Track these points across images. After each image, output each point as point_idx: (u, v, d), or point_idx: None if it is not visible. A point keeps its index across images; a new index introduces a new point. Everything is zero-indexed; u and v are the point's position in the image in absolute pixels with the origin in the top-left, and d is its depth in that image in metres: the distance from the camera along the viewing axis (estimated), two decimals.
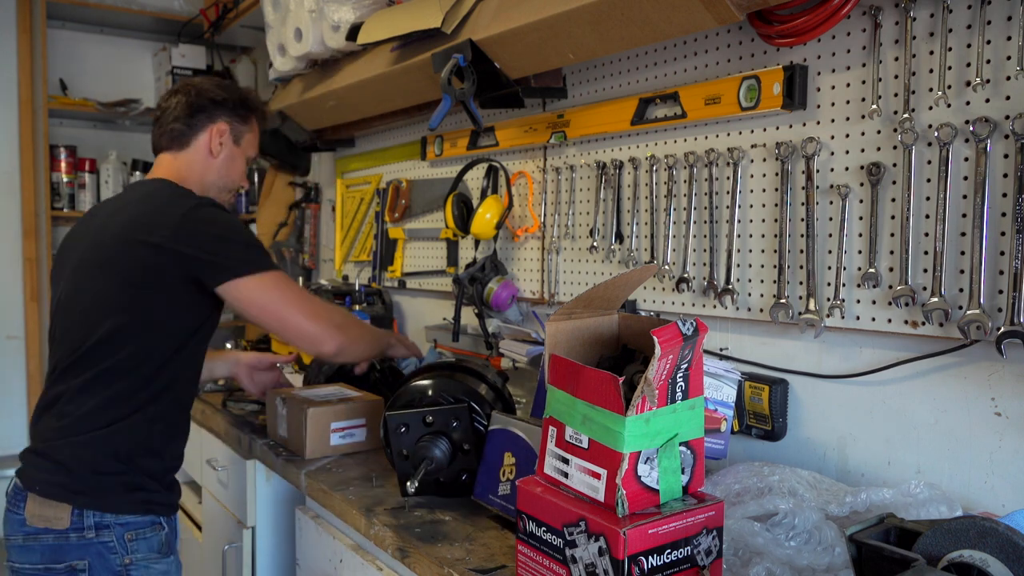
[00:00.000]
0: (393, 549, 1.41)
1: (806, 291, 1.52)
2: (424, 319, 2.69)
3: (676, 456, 1.09)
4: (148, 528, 1.69)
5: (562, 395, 1.13)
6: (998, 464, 1.31)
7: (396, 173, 2.87)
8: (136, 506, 1.67)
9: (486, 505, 1.48)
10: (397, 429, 1.53)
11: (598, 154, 1.99)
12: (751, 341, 1.68)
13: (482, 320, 2.23)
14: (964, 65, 1.31)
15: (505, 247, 2.32)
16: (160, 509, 1.72)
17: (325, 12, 2.40)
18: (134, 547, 1.66)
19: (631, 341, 1.23)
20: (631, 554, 1.01)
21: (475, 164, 2.35)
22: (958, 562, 0.93)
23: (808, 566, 1.16)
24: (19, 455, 1.73)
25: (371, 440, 1.93)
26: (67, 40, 4.08)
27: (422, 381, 1.65)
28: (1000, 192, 1.27)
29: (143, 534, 1.68)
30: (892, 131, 1.40)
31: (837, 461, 1.52)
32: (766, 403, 1.58)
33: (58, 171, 3.92)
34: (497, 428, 1.50)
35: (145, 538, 1.68)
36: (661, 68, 1.81)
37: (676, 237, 1.78)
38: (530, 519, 1.14)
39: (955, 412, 1.36)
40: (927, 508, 1.21)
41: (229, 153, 1.87)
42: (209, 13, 3.76)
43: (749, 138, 1.64)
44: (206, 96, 1.84)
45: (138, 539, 1.67)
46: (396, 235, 2.84)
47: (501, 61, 1.89)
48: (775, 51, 1.58)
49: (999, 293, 1.27)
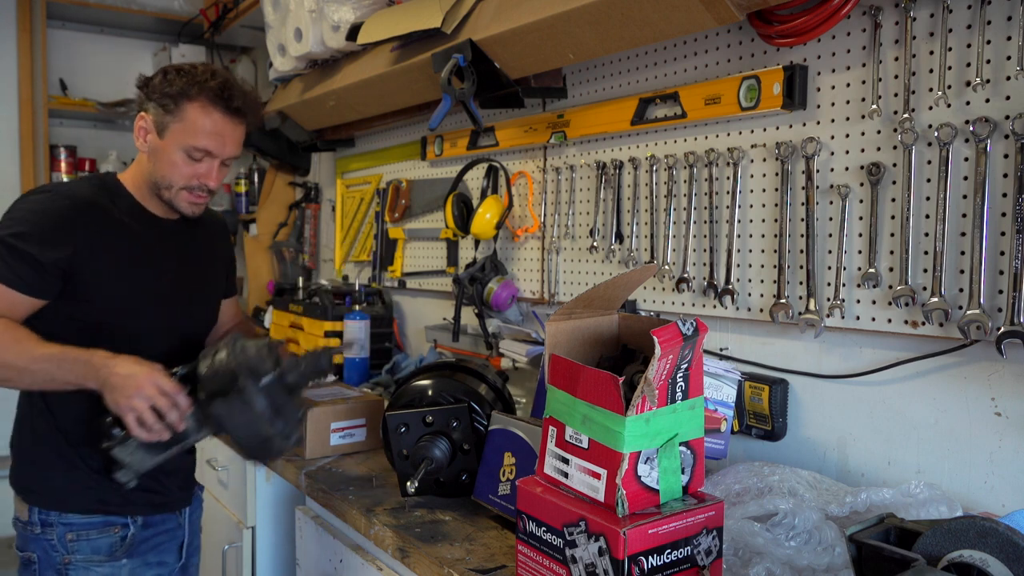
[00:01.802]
0: (393, 549, 1.41)
1: (806, 291, 1.52)
2: (424, 319, 2.69)
3: (676, 456, 1.09)
4: (96, 529, 1.63)
5: (562, 395, 1.13)
6: (998, 464, 1.31)
7: (396, 173, 2.87)
8: (81, 505, 1.62)
9: (486, 505, 1.48)
10: (397, 429, 1.53)
11: (598, 154, 1.99)
12: (751, 341, 1.68)
13: (482, 320, 2.23)
14: (964, 65, 1.31)
15: (505, 247, 2.32)
16: (114, 509, 1.64)
17: (325, 12, 2.40)
18: (74, 547, 1.61)
19: (631, 341, 1.23)
20: (631, 554, 1.01)
21: (475, 164, 2.35)
22: (958, 562, 0.93)
23: (808, 566, 1.16)
24: None
25: (371, 440, 1.93)
26: (67, 40, 4.09)
27: (422, 381, 1.65)
28: (1000, 192, 1.27)
29: (87, 535, 1.62)
30: (892, 131, 1.40)
31: (837, 461, 1.52)
32: (766, 403, 1.58)
33: (58, 171, 3.92)
34: (497, 428, 1.50)
35: (88, 539, 1.62)
36: (661, 68, 1.81)
37: (676, 237, 1.77)
38: (530, 519, 1.14)
39: (955, 412, 1.36)
40: (927, 508, 1.21)
41: (153, 146, 1.62)
42: (209, 13, 3.76)
43: (749, 138, 1.64)
44: (139, 82, 1.67)
45: (80, 540, 1.61)
46: (396, 235, 2.84)
47: (501, 61, 1.89)
48: (775, 51, 1.58)
49: (999, 293, 1.27)
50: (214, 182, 1.65)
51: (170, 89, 1.59)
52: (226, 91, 1.60)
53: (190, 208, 1.67)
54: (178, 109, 1.59)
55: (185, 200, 1.65)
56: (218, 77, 1.61)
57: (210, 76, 1.60)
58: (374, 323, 2.63)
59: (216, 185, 1.66)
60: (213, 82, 1.60)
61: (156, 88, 1.61)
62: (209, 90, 1.59)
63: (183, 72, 1.61)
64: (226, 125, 1.62)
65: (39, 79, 3.80)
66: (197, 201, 1.66)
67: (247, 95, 1.66)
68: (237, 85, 1.64)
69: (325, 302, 2.69)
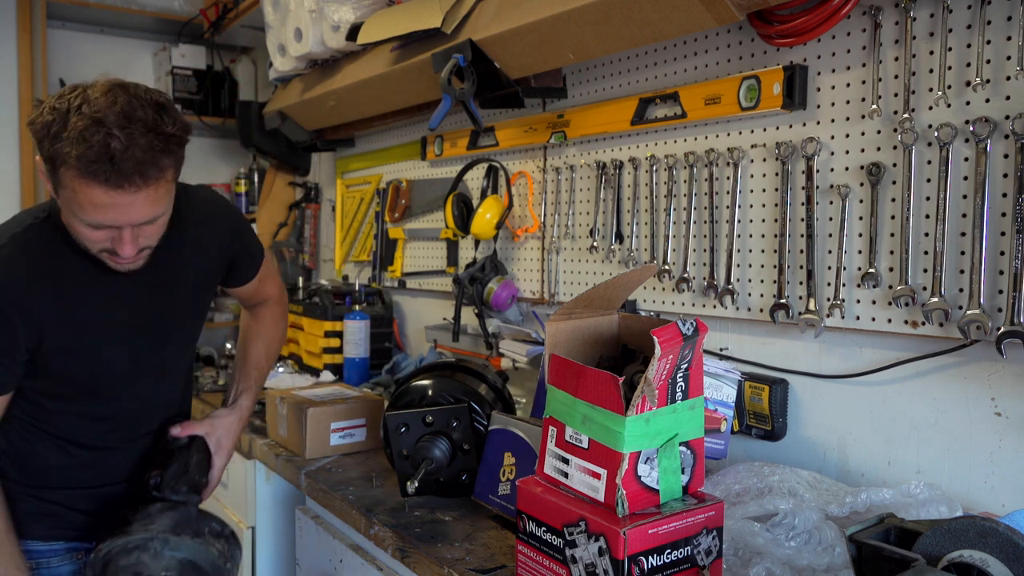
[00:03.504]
0: (393, 549, 1.41)
1: (806, 291, 1.52)
2: (424, 319, 2.69)
3: (676, 456, 1.09)
4: (57, 556, 1.53)
5: (562, 395, 1.13)
6: (998, 464, 1.31)
7: (396, 173, 2.87)
8: (42, 531, 1.51)
9: (486, 505, 1.48)
10: (397, 429, 1.53)
11: (598, 154, 1.99)
12: (751, 341, 1.68)
13: (482, 320, 2.23)
14: (964, 65, 1.31)
15: (505, 247, 2.32)
16: (76, 535, 1.54)
17: (325, 12, 2.40)
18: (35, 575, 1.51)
19: (631, 341, 1.23)
20: (631, 554, 1.01)
21: (475, 164, 2.35)
22: (958, 562, 0.93)
23: (808, 566, 1.16)
24: None
25: (371, 440, 1.93)
26: (67, 40, 4.09)
27: (422, 381, 1.65)
28: (1000, 192, 1.27)
29: (47, 563, 1.51)
30: (892, 131, 1.40)
31: (837, 461, 1.52)
32: (766, 403, 1.58)
33: None
34: (497, 428, 1.50)
35: (49, 567, 1.52)
36: (661, 68, 1.81)
37: (676, 237, 1.77)
38: (530, 519, 1.14)
39: (955, 412, 1.36)
40: (927, 508, 1.22)
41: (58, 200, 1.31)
42: (209, 13, 3.76)
43: (749, 138, 1.64)
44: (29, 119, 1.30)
45: (40, 568, 1.51)
46: (396, 235, 2.84)
47: (501, 61, 1.89)
48: (775, 51, 1.58)
49: (999, 293, 1.27)
50: (128, 249, 1.31)
51: (43, 145, 1.24)
52: (104, 159, 1.19)
53: (122, 268, 1.37)
54: (58, 175, 1.24)
55: (112, 262, 1.35)
56: (98, 132, 1.19)
57: (83, 132, 1.19)
58: (374, 323, 2.63)
59: (133, 252, 1.32)
60: (85, 146, 1.18)
61: (35, 135, 1.26)
62: (82, 160, 1.19)
63: (60, 118, 1.22)
64: (115, 198, 1.23)
65: (39, 79, 3.79)
66: (123, 263, 1.35)
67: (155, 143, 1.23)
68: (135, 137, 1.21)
69: (325, 302, 2.69)
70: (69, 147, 1.19)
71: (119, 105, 1.22)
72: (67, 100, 1.24)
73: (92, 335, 1.45)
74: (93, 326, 1.44)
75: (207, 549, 1.33)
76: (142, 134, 1.22)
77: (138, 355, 1.52)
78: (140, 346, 1.52)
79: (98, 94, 1.24)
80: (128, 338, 1.50)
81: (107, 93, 1.24)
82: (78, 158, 1.19)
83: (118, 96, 1.24)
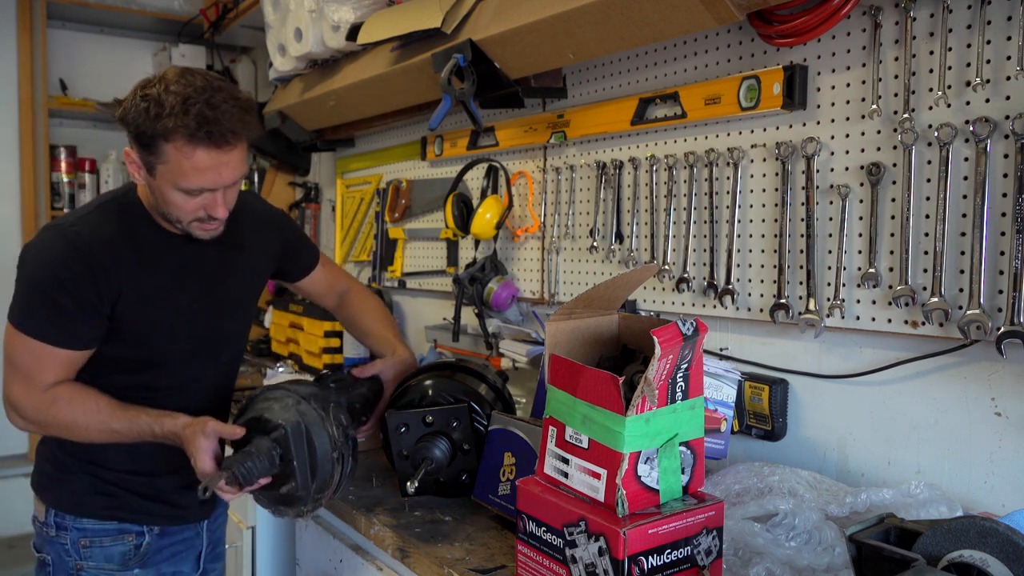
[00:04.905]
0: (393, 549, 1.41)
1: (806, 291, 1.52)
2: (424, 319, 2.69)
3: (676, 456, 1.09)
4: (110, 536, 1.62)
5: (562, 395, 1.13)
6: (998, 464, 1.31)
7: (396, 173, 2.87)
8: (97, 511, 1.61)
9: (486, 505, 1.48)
10: (397, 429, 1.53)
11: (598, 154, 1.99)
12: (751, 341, 1.68)
13: (482, 320, 2.23)
14: (964, 65, 1.31)
15: (505, 247, 2.32)
16: (130, 517, 1.63)
17: (325, 12, 2.40)
18: (87, 554, 1.60)
19: (631, 341, 1.23)
20: (631, 554, 1.01)
21: (475, 164, 2.35)
22: (958, 562, 0.93)
23: (808, 566, 1.16)
24: None
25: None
26: (67, 40, 4.09)
27: (422, 381, 1.65)
28: (1000, 192, 1.27)
29: (100, 542, 1.61)
30: (892, 131, 1.40)
31: (837, 461, 1.52)
32: (766, 403, 1.58)
33: (58, 171, 3.93)
34: (497, 428, 1.50)
35: (102, 546, 1.61)
36: (661, 68, 1.81)
37: (676, 237, 1.77)
38: (530, 519, 1.14)
39: (955, 412, 1.36)
40: (927, 508, 1.22)
41: (148, 183, 1.48)
42: (209, 13, 3.76)
43: (749, 138, 1.64)
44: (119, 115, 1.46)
45: (92, 546, 1.60)
46: (396, 235, 2.84)
47: (501, 61, 1.89)
48: (775, 51, 1.58)
49: (999, 293, 1.27)
50: (222, 211, 1.50)
51: (144, 128, 1.39)
52: (204, 123, 1.38)
53: (207, 235, 1.54)
54: (158, 150, 1.40)
55: (200, 229, 1.52)
56: (194, 103, 1.38)
57: (182, 106, 1.37)
58: None
59: (226, 213, 1.51)
60: (187, 117, 1.37)
61: (131, 124, 1.42)
62: (184, 128, 1.37)
63: (154, 102, 1.39)
64: (215, 158, 1.41)
65: (39, 79, 3.80)
66: (211, 228, 1.53)
67: (237, 109, 1.43)
68: (220, 104, 1.40)
69: None
70: (172, 121, 1.37)
71: (200, 82, 1.42)
72: (153, 87, 1.42)
73: (165, 294, 1.56)
74: (167, 287, 1.57)
75: (324, 426, 1.43)
76: (225, 101, 1.41)
77: (202, 325, 1.63)
78: (205, 317, 1.63)
79: (177, 77, 1.43)
80: (195, 307, 1.61)
81: (183, 76, 1.43)
82: (184, 127, 1.37)
83: (195, 76, 1.44)
